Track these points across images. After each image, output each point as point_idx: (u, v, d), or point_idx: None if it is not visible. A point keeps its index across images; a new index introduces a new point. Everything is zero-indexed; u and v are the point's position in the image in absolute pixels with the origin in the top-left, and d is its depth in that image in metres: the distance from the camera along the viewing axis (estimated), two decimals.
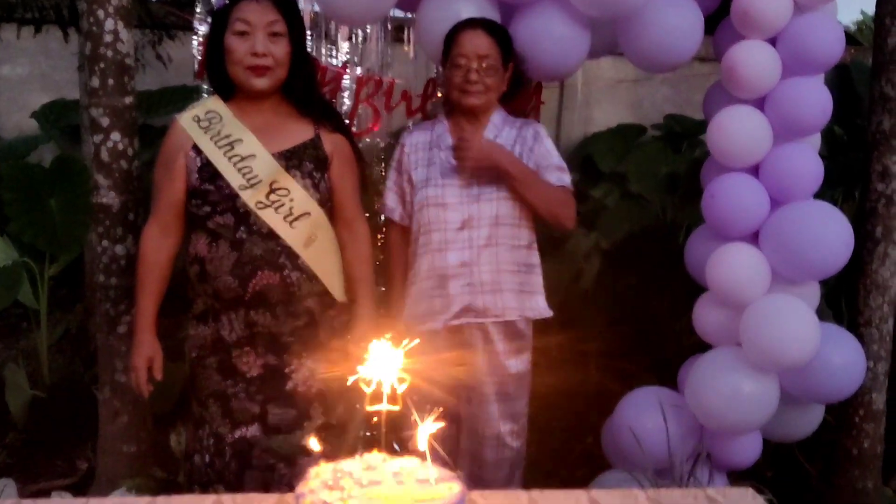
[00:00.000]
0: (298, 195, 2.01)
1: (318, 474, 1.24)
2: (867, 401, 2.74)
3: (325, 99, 2.29)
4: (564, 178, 2.36)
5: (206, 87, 2.51)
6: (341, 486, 1.21)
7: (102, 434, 2.50)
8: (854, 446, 2.78)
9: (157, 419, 2.58)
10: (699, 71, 2.86)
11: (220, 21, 2.01)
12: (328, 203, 2.11)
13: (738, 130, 2.49)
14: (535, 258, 2.37)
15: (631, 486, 2.44)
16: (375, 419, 1.24)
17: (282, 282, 2.00)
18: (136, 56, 2.73)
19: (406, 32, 2.97)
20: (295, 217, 2.00)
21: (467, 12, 2.43)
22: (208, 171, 2.00)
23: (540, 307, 2.37)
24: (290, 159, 2.04)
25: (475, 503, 1.34)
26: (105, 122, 2.38)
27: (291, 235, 1.99)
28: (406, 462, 1.27)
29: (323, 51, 2.75)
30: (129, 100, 2.42)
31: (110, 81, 2.37)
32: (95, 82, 2.37)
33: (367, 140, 2.81)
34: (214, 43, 2.03)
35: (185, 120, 2.05)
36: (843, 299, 2.94)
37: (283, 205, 1.99)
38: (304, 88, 2.09)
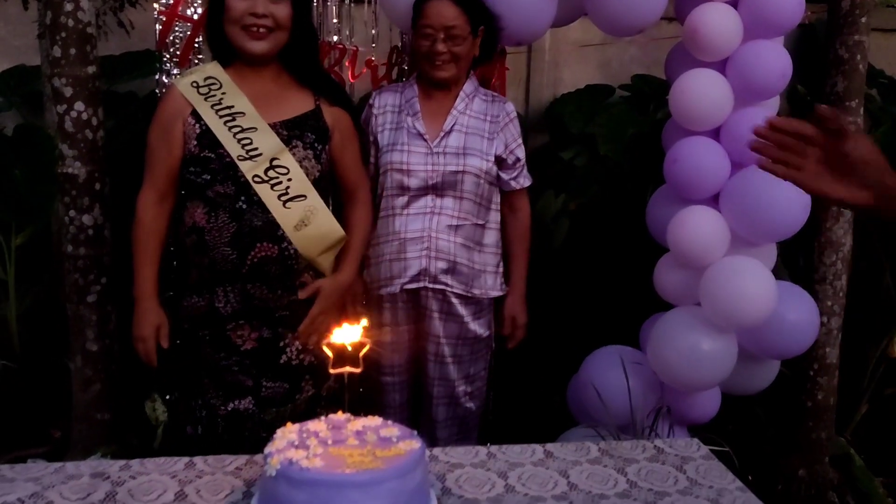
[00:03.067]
0: (297, 176, 1.98)
1: (285, 434, 1.29)
2: (821, 355, 2.84)
3: (325, 70, 2.25)
4: (525, 181, 2.47)
5: (166, 56, 2.50)
6: (307, 444, 1.26)
7: (76, 403, 2.52)
8: (809, 399, 2.89)
9: (131, 387, 2.60)
10: (666, 31, 2.88)
11: None
12: (328, 175, 2.11)
13: (699, 93, 2.53)
14: (492, 237, 2.43)
15: (594, 441, 2.52)
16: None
17: (280, 254, 1.98)
18: (97, 23, 2.70)
19: None
20: (290, 198, 1.97)
21: None
22: (208, 139, 1.97)
23: (486, 286, 2.42)
24: (292, 129, 2.02)
25: (436, 458, 1.39)
26: (68, 91, 2.37)
27: (283, 216, 1.97)
28: (369, 422, 1.32)
29: None
30: (91, 69, 2.40)
31: (72, 51, 2.35)
32: (57, 52, 2.35)
33: None
34: (215, 3, 1.98)
35: (184, 85, 2.01)
36: (800, 257, 3.02)
37: (280, 182, 1.97)
38: (305, 57, 2.06)
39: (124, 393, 2.58)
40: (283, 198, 1.97)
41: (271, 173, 1.96)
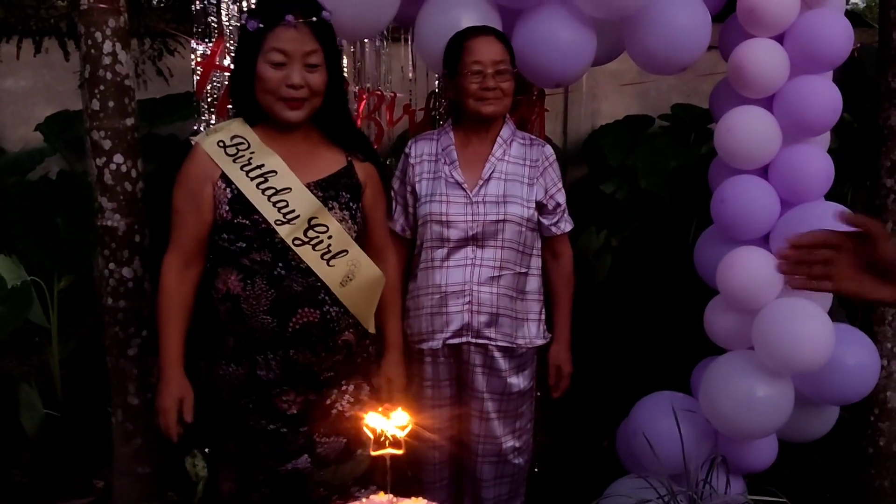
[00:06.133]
0: (337, 232, 1.92)
1: None
2: (882, 399, 2.73)
3: (356, 126, 2.18)
4: (567, 226, 2.41)
5: (203, 106, 2.50)
6: None
7: (117, 456, 2.50)
8: (870, 445, 2.77)
9: (171, 441, 2.58)
10: (706, 59, 2.82)
11: (252, 45, 1.86)
12: (363, 234, 2.04)
13: (746, 131, 2.46)
14: (534, 284, 2.37)
15: (646, 492, 2.43)
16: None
17: (322, 318, 1.91)
18: (136, 72, 2.71)
19: (403, 34, 2.93)
20: (332, 255, 1.91)
21: (468, 20, 2.39)
22: (241, 204, 1.88)
23: (531, 335, 2.36)
24: (327, 190, 1.94)
25: None
26: (107, 144, 2.36)
27: (328, 274, 1.90)
28: None
29: None
30: (130, 121, 2.40)
31: (111, 103, 2.35)
32: (96, 105, 2.35)
33: None
34: (244, 66, 1.89)
35: (210, 145, 1.91)
36: None
37: (321, 241, 1.90)
38: (337, 117, 1.99)
39: (165, 447, 2.55)
40: (326, 256, 1.90)
41: (311, 233, 1.89)
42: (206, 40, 2.42)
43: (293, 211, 1.88)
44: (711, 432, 2.57)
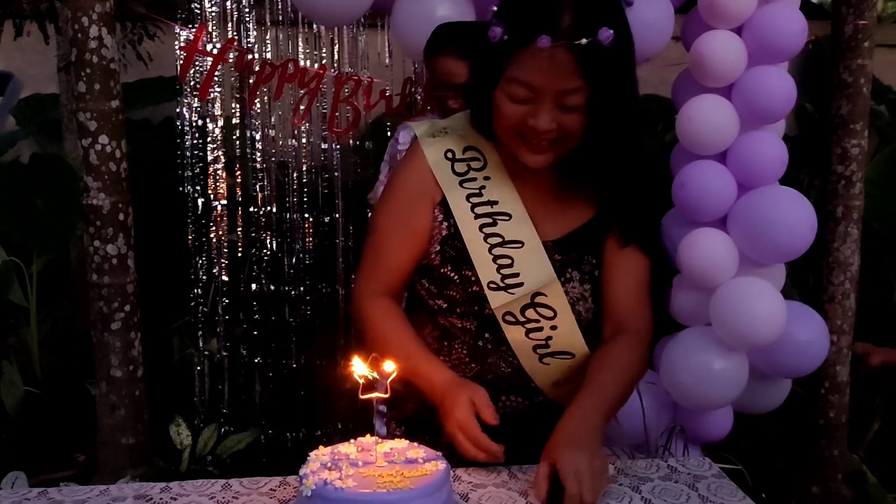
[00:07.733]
0: (566, 324, 1.40)
1: (318, 457, 1.34)
2: (832, 373, 2.87)
3: (635, 166, 1.46)
4: None
5: (188, 89, 2.58)
6: (339, 466, 1.31)
7: (101, 427, 2.58)
8: (821, 417, 2.91)
9: (155, 411, 2.65)
10: (674, 51, 2.94)
11: (492, 61, 1.31)
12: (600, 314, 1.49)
13: (706, 119, 2.57)
14: None
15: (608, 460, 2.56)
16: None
17: (531, 410, 1.47)
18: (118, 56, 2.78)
19: (380, 20, 3.02)
20: (550, 353, 1.42)
21: (443, 9, 2.50)
22: (453, 249, 1.40)
23: None
24: (567, 252, 1.42)
25: (459, 478, 1.44)
26: (93, 125, 2.44)
27: (538, 372, 1.43)
28: (396, 444, 1.37)
29: (301, 51, 2.81)
30: (115, 103, 2.47)
31: (96, 86, 2.43)
32: (82, 87, 2.42)
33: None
34: (478, 85, 1.36)
35: (435, 154, 1.41)
36: (810, 276, 3.06)
37: (539, 329, 1.40)
38: (601, 161, 1.38)
39: (149, 417, 2.62)
40: (540, 350, 1.42)
41: (530, 313, 1.40)
42: (190, 25, 2.50)
43: (517, 276, 1.39)
44: (671, 404, 2.71)
